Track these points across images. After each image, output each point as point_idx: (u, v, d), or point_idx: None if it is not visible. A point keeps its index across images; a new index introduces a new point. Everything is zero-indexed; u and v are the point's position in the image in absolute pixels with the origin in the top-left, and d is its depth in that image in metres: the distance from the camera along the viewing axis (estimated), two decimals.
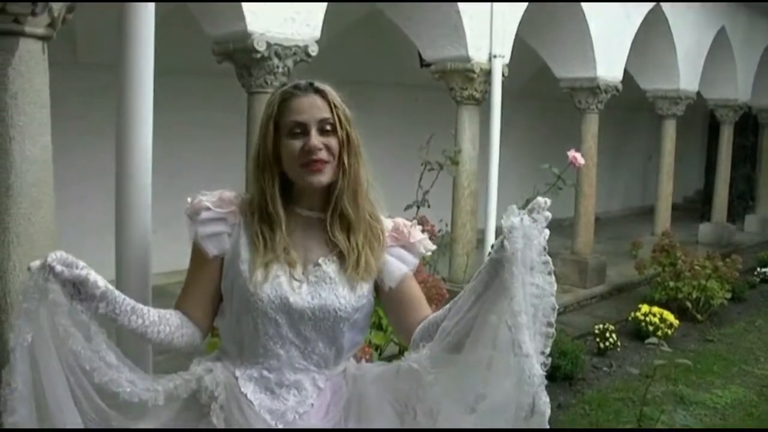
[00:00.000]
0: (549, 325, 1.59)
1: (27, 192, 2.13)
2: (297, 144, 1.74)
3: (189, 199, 1.84)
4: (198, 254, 1.83)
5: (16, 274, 2.11)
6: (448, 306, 1.77)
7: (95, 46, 6.50)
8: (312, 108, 1.75)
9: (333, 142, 1.76)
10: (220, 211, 1.81)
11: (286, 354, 1.78)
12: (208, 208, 1.81)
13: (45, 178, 2.19)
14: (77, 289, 1.59)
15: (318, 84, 1.79)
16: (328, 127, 1.76)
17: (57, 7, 2.15)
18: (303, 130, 1.74)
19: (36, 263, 1.58)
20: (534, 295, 1.56)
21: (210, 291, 1.85)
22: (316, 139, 1.74)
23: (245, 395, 1.76)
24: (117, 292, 1.67)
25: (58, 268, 1.56)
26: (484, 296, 1.66)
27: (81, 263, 1.61)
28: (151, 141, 2.16)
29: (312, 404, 1.78)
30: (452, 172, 5.39)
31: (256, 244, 1.77)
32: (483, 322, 1.64)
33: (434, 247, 1.99)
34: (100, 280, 1.62)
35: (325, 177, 1.76)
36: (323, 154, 1.74)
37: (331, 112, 1.76)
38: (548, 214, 1.57)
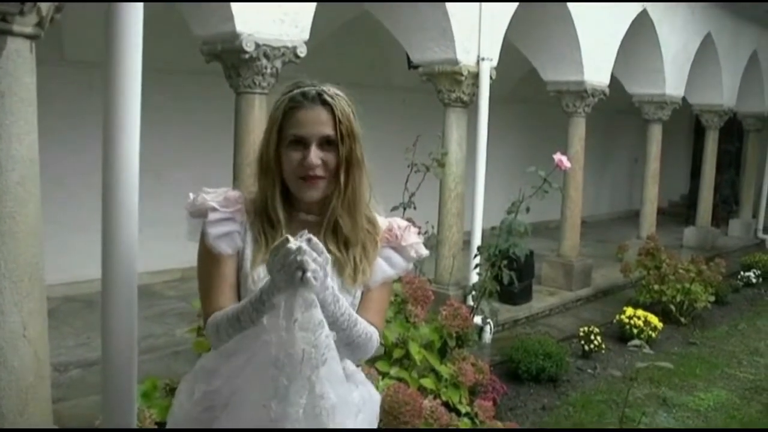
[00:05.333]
0: None
1: (13, 190, 2.12)
2: (296, 156, 1.75)
3: (191, 195, 1.83)
4: (212, 256, 1.79)
5: (2, 272, 2.10)
6: None
7: (82, 45, 6.48)
8: (315, 123, 1.75)
9: (331, 157, 1.76)
10: (228, 211, 1.81)
11: None
12: (215, 209, 1.80)
13: (31, 177, 2.19)
14: None
15: (326, 94, 1.76)
16: (329, 142, 1.76)
17: (45, 7, 2.15)
18: (303, 143, 1.75)
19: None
20: None
21: (235, 294, 1.82)
22: (314, 155, 1.74)
23: None
24: None
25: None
26: None
27: None
28: (139, 140, 2.16)
29: None
30: (439, 174, 5.43)
31: (259, 242, 1.79)
32: None
33: (427, 253, 1.98)
34: None
35: (317, 193, 1.77)
36: (319, 171, 1.75)
37: (335, 127, 1.75)
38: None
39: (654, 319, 6.47)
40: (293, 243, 1.52)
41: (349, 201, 1.80)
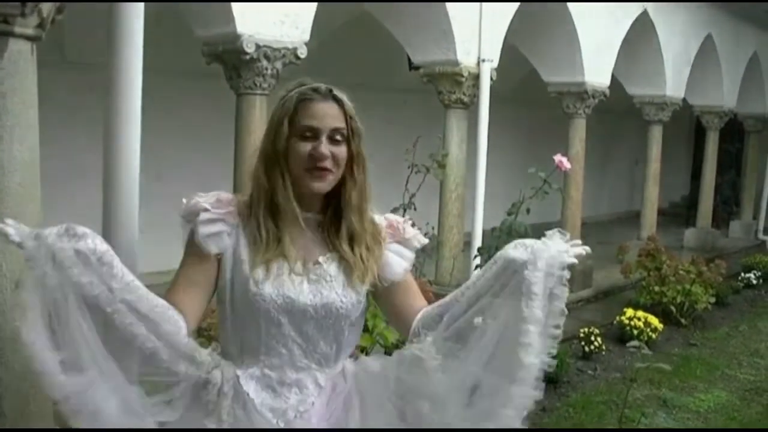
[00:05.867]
0: (556, 327, 1.75)
1: (14, 192, 2.13)
2: (306, 147, 1.76)
3: (184, 201, 1.84)
4: (195, 254, 1.81)
5: (3, 273, 2.11)
6: (452, 296, 1.86)
7: (83, 46, 6.48)
8: (327, 115, 1.77)
9: (341, 152, 1.78)
10: (219, 212, 1.82)
11: (288, 352, 1.80)
12: (207, 210, 1.81)
13: (32, 179, 2.19)
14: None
15: (337, 92, 1.80)
16: (339, 137, 1.78)
17: (46, 8, 2.15)
18: (314, 135, 1.76)
19: (51, 230, 1.60)
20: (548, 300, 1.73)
21: (204, 288, 1.83)
22: (324, 146, 1.75)
23: (247, 393, 1.78)
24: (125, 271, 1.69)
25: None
26: (497, 293, 1.75)
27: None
28: (139, 141, 2.17)
29: (313, 403, 1.81)
30: (439, 175, 5.43)
31: (257, 241, 1.78)
32: (493, 318, 1.74)
33: (427, 240, 2.05)
34: (99, 241, 1.66)
35: (325, 185, 1.79)
36: (328, 163, 1.76)
37: (345, 122, 1.78)
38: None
39: (654, 321, 6.47)
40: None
41: (359, 198, 1.83)
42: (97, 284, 1.59)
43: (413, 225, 2.05)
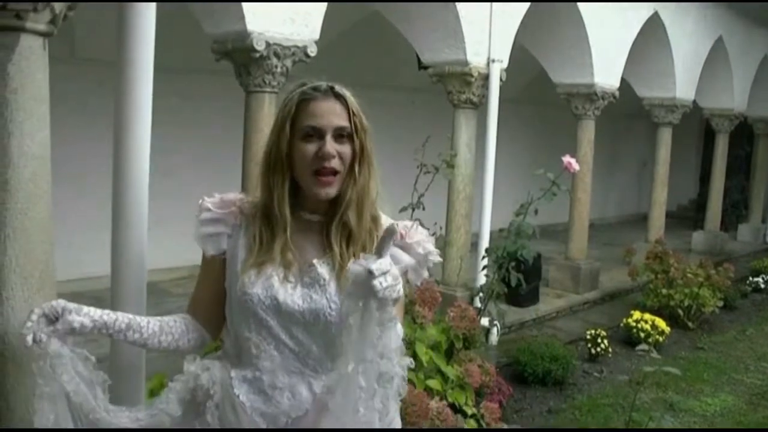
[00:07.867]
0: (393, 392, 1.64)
1: (24, 187, 2.13)
2: (311, 148, 1.71)
3: (200, 202, 1.86)
4: (203, 260, 1.86)
5: (12, 268, 2.11)
6: None
7: (93, 42, 6.50)
8: (330, 114, 1.72)
9: (347, 150, 1.73)
10: (219, 212, 1.82)
11: (281, 356, 1.76)
12: (209, 209, 1.83)
13: (42, 174, 2.19)
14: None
15: (338, 88, 1.75)
16: (344, 135, 1.73)
17: (58, 4, 2.15)
18: (318, 135, 1.72)
19: (28, 338, 1.67)
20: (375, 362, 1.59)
21: (213, 293, 1.85)
22: (330, 145, 1.71)
23: (237, 396, 1.76)
24: (108, 316, 1.75)
25: (45, 331, 1.67)
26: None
27: (62, 306, 1.69)
28: (149, 138, 2.17)
29: (307, 409, 1.76)
30: (448, 175, 5.42)
31: (253, 245, 1.77)
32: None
33: (436, 253, 1.87)
34: (87, 319, 1.70)
35: (333, 190, 1.74)
36: (335, 163, 1.71)
37: (349, 119, 1.73)
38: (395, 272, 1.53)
39: (661, 324, 6.45)
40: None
41: (359, 196, 1.76)
42: (83, 393, 1.70)
43: (432, 234, 1.98)
